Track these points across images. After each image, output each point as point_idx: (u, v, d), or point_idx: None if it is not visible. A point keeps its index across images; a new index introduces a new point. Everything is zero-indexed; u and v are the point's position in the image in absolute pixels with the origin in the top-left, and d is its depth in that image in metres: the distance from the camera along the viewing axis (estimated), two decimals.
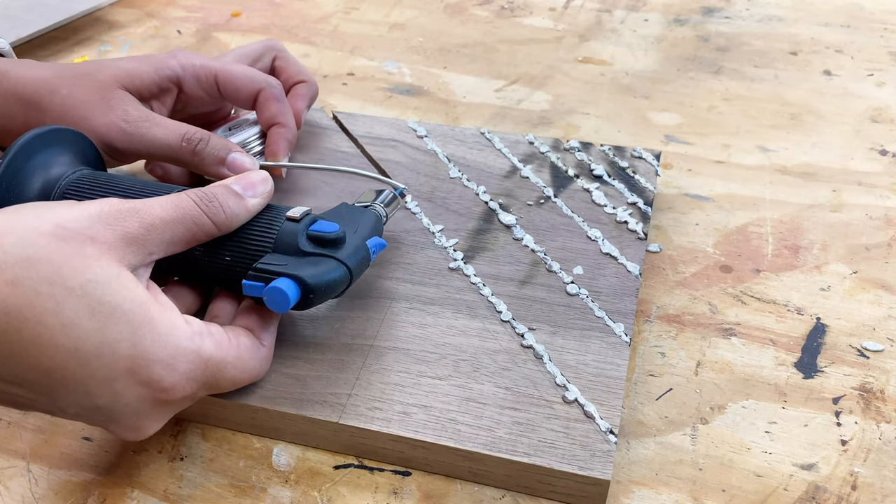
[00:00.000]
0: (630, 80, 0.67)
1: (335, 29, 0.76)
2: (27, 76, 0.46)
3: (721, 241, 0.50)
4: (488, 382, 0.39)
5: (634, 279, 0.44)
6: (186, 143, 0.47)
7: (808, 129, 0.60)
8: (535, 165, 0.53)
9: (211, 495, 0.38)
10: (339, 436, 0.38)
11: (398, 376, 0.39)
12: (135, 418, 0.33)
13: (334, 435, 0.38)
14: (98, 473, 0.39)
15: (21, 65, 0.47)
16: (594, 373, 0.39)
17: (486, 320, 0.42)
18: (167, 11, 0.80)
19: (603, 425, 0.37)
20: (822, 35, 0.72)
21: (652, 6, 0.78)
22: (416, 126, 0.56)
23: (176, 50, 0.50)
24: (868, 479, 0.37)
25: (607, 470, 0.35)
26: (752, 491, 0.37)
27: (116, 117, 0.46)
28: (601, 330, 0.42)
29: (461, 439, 0.37)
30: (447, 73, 0.69)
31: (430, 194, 0.51)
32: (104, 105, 0.46)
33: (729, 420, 0.40)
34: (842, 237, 0.50)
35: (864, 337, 0.44)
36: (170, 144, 0.47)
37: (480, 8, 0.79)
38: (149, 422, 0.34)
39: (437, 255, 0.46)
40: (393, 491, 0.38)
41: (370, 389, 0.39)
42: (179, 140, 0.47)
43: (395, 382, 0.39)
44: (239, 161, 0.48)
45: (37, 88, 0.46)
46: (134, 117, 0.46)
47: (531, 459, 0.36)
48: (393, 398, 0.38)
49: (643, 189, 0.51)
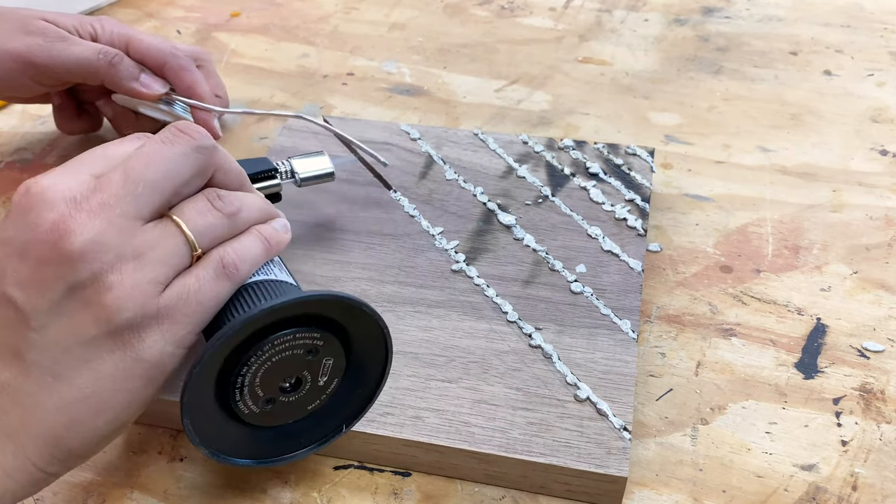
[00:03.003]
0: (630, 80, 0.67)
1: (335, 29, 0.76)
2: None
3: (721, 241, 0.50)
4: (499, 384, 0.39)
5: (637, 275, 0.44)
6: (103, 56, 0.51)
7: (809, 129, 0.60)
8: (530, 165, 0.53)
9: (210, 496, 0.38)
10: (351, 442, 0.38)
11: (408, 381, 0.39)
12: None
13: (345, 442, 0.38)
14: (98, 474, 0.39)
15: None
16: (604, 370, 0.39)
17: (492, 321, 0.42)
18: (167, 11, 0.80)
19: (616, 422, 0.37)
20: (823, 35, 0.72)
21: (652, 6, 0.78)
22: (409, 129, 0.56)
23: (103, 16, 0.55)
24: (868, 479, 0.37)
25: (624, 467, 0.35)
26: (753, 491, 0.37)
27: (37, 36, 0.51)
28: (608, 327, 0.42)
29: (476, 442, 0.37)
30: (447, 73, 0.68)
31: (427, 197, 0.51)
32: (24, 30, 0.51)
33: (729, 420, 0.40)
34: (842, 237, 0.50)
35: (865, 337, 0.44)
36: (87, 58, 0.51)
37: (480, 8, 0.79)
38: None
39: (439, 258, 0.46)
40: (393, 491, 0.37)
41: (380, 395, 0.38)
42: (97, 53, 0.51)
43: (405, 387, 0.39)
44: (149, 80, 0.53)
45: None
46: (53, 35, 0.51)
47: (548, 459, 0.36)
48: (404, 403, 0.38)
49: (639, 186, 0.51)
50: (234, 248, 0.33)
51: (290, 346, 0.32)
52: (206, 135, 0.33)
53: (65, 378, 0.30)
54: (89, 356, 0.30)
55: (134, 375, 0.31)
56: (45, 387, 0.30)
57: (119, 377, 0.30)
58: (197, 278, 0.32)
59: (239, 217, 0.34)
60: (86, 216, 0.30)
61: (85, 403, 0.30)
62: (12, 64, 0.51)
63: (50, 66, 0.51)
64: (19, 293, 0.30)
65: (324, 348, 0.33)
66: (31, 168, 0.59)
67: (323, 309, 0.33)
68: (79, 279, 0.29)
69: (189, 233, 0.32)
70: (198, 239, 0.32)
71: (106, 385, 0.30)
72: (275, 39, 0.75)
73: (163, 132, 0.33)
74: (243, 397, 0.32)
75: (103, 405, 0.30)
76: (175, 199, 0.33)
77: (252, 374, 0.32)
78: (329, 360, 0.34)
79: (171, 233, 0.32)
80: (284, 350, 0.32)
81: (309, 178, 0.46)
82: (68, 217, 0.30)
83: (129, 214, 0.31)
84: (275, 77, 0.69)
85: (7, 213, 0.31)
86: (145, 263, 0.31)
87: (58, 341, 0.30)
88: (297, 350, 0.32)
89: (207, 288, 0.32)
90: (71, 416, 0.30)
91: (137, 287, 0.30)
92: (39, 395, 0.30)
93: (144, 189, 0.31)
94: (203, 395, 0.32)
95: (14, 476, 0.30)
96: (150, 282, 0.30)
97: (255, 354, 0.31)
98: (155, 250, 0.31)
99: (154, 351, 0.31)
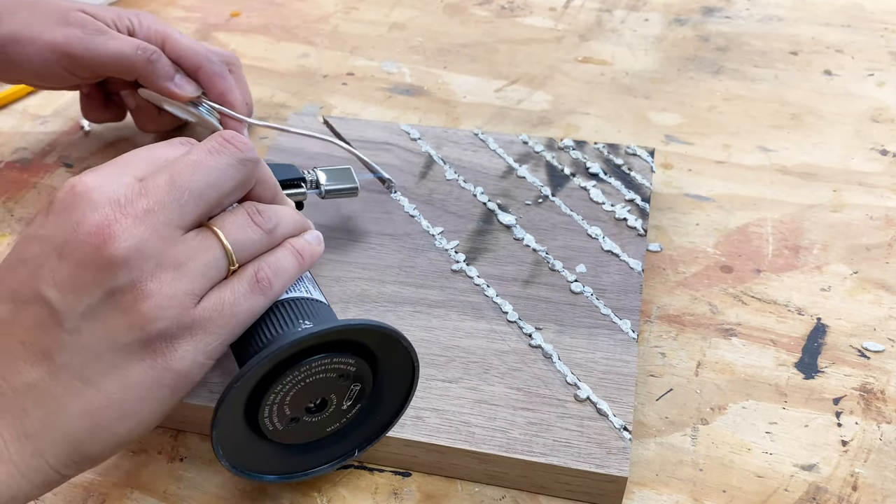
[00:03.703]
0: (630, 80, 0.67)
1: (335, 29, 0.76)
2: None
3: (721, 241, 0.50)
4: (499, 384, 0.39)
5: (637, 275, 0.44)
6: (141, 52, 0.51)
7: (809, 129, 0.60)
8: (530, 165, 0.53)
9: (210, 496, 0.38)
10: None
11: None
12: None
13: None
14: (97, 474, 0.39)
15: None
16: (604, 370, 0.39)
17: (492, 321, 0.42)
18: (167, 11, 0.80)
19: (616, 422, 0.37)
20: (823, 35, 0.72)
21: (652, 6, 0.78)
22: (409, 129, 0.56)
23: (140, 11, 0.55)
24: (869, 479, 0.37)
25: (624, 467, 0.35)
26: (753, 492, 0.37)
27: (76, 28, 0.50)
28: (608, 327, 0.42)
29: (476, 442, 0.37)
30: (447, 73, 0.68)
31: (427, 197, 0.51)
32: (63, 21, 0.51)
33: (729, 420, 0.40)
34: (842, 237, 0.50)
35: (865, 337, 0.44)
36: (125, 53, 0.51)
37: (480, 8, 0.79)
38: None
39: (439, 258, 0.46)
40: (393, 492, 0.37)
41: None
42: (135, 49, 0.51)
43: None
44: (183, 82, 0.53)
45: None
46: (91, 28, 0.51)
47: (548, 459, 0.36)
48: None
49: (640, 186, 0.51)
50: (269, 262, 0.33)
51: (325, 369, 0.32)
52: (251, 147, 0.33)
53: (93, 383, 0.30)
54: (120, 363, 0.30)
55: (162, 384, 0.30)
56: (72, 390, 0.29)
57: (147, 385, 0.30)
58: (232, 291, 0.32)
59: (276, 232, 0.34)
60: (130, 221, 0.30)
61: (110, 410, 0.30)
62: (49, 54, 0.50)
63: (87, 59, 0.51)
64: (55, 293, 0.29)
65: (355, 374, 0.34)
66: (31, 168, 0.59)
67: (361, 336, 0.33)
68: (118, 285, 0.29)
69: (228, 246, 0.32)
70: (236, 253, 0.32)
71: (133, 393, 0.30)
72: (275, 39, 0.75)
73: (209, 141, 0.33)
74: (271, 414, 0.33)
75: (128, 412, 0.30)
76: (217, 209, 0.33)
77: (284, 392, 0.32)
78: (357, 385, 0.34)
79: (211, 245, 0.32)
80: (319, 373, 0.32)
81: (333, 190, 0.46)
82: (113, 221, 0.29)
83: (173, 222, 0.31)
84: (275, 77, 0.69)
85: (47, 208, 0.31)
86: (184, 274, 0.30)
87: (90, 345, 0.29)
88: (329, 374, 0.33)
89: (242, 301, 0.32)
90: (95, 421, 0.30)
91: (175, 297, 0.30)
92: (65, 398, 0.29)
93: (189, 198, 0.31)
94: (234, 410, 0.32)
95: (29, 476, 0.29)
96: (188, 293, 0.30)
97: (293, 374, 0.32)
98: (194, 261, 0.31)
99: (185, 361, 0.31)
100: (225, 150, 0.32)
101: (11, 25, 0.50)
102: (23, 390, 0.29)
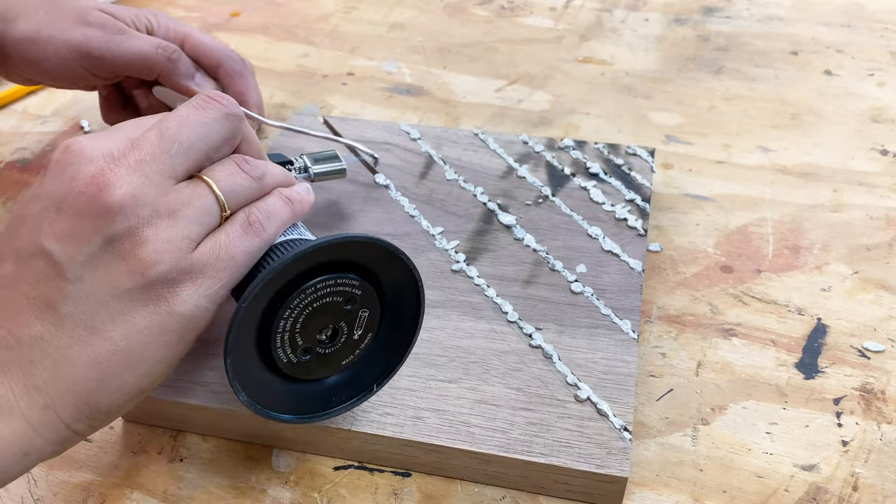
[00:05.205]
0: (630, 79, 0.67)
1: (335, 28, 0.76)
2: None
3: (722, 241, 0.50)
4: (499, 384, 0.39)
5: (637, 276, 0.44)
6: (162, 51, 0.51)
7: (809, 128, 0.60)
8: (530, 165, 0.53)
9: (210, 496, 0.37)
10: (350, 443, 0.38)
11: (408, 381, 0.39)
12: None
13: (345, 442, 0.38)
14: (97, 474, 0.39)
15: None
16: (604, 370, 0.39)
17: (492, 321, 0.42)
18: (167, 11, 0.80)
19: (617, 423, 0.37)
20: (823, 35, 0.72)
21: (652, 6, 0.78)
22: (409, 129, 0.56)
23: (157, 11, 0.55)
24: (869, 479, 0.37)
25: (624, 467, 0.35)
26: (753, 492, 0.37)
27: (96, 28, 0.50)
28: (608, 328, 0.42)
29: (476, 442, 0.37)
30: (447, 72, 0.68)
31: (427, 196, 0.51)
32: (82, 20, 0.50)
33: (730, 421, 0.40)
34: (842, 237, 0.50)
35: (865, 337, 0.44)
36: (146, 52, 0.51)
37: (480, 8, 0.78)
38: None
39: (439, 258, 0.46)
40: (393, 492, 0.37)
41: (380, 395, 0.38)
42: (155, 48, 0.51)
43: (406, 387, 0.39)
44: (203, 81, 0.53)
45: (13, 6, 0.50)
46: (112, 28, 0.51)
47: (548, 459, 0.36)
48: (404, 403, 0.38)
49: (640, 186, 0.51)
50: (259, 206, 0.34)
51: (330, 291, 0.33)
52: (234, 103, 0.35)
53: (98, 331, 0.30)
54: (124, 309, 0.30)
55: (167, 329, 0.31)
56: (78, 339, 0.30)
57: (152, 331, 0.31)
58: (227, 235, 0.33)
59: (264, 180, 0.35)
60: (124, 171, 0.31)
61: (117, 357, 0.30)
62: (68, 54, 0.50)
63: (108, 59, 0.51)
64: (55, 245, 0.30)
65: (361, 298, 0.34)
66: (31, 168, 0.59)
67: (362, 255, 0.34)
68: (115, 232, 0.30)
69: (219, 192, 0.33)
70: (227, 199, 0.33)
71: (139, 339, 0.31)
72: (274, 39, 0.75)
73: (194, 99, 0.34)
74: (283, 345, 0.33)
75: (135, 359, 0.31)
76: (206, 161, 0.34)
77: (294, 319, 0.33)
78: (365, 311, 0.35)
79: (203, 192, 0.33)
80: (325, 296, 0.33)
81: (322, 173, 0.46)
82: (107, 170, 0.30)
83: (165, 172, 0.32)
84: (275, 77, 0.69)
85: (44, 171, 0.32)
86: (179, 220, 0.31)
87: (93, 294, 0.30)
88: (336, 297, 0.33)
89: (237, 243, 0.33)
90: (103, 370, 0.30)
91: (172, 242, 0.31)
92: (72, 347, 0.30)
93: (179, 149, 0.32)
94: (245, 341, 0.33)
95: (41, 432, 0.30)
96: (184, 238, 0.31)
97: (299, 297, 0.32)
98: (188, 208, 0.32)
99: (188, 305, 0.31)
100: (210, 106, 0.34)
101: (28, 24, 0.50)
102: (29, 343, 0.30)
